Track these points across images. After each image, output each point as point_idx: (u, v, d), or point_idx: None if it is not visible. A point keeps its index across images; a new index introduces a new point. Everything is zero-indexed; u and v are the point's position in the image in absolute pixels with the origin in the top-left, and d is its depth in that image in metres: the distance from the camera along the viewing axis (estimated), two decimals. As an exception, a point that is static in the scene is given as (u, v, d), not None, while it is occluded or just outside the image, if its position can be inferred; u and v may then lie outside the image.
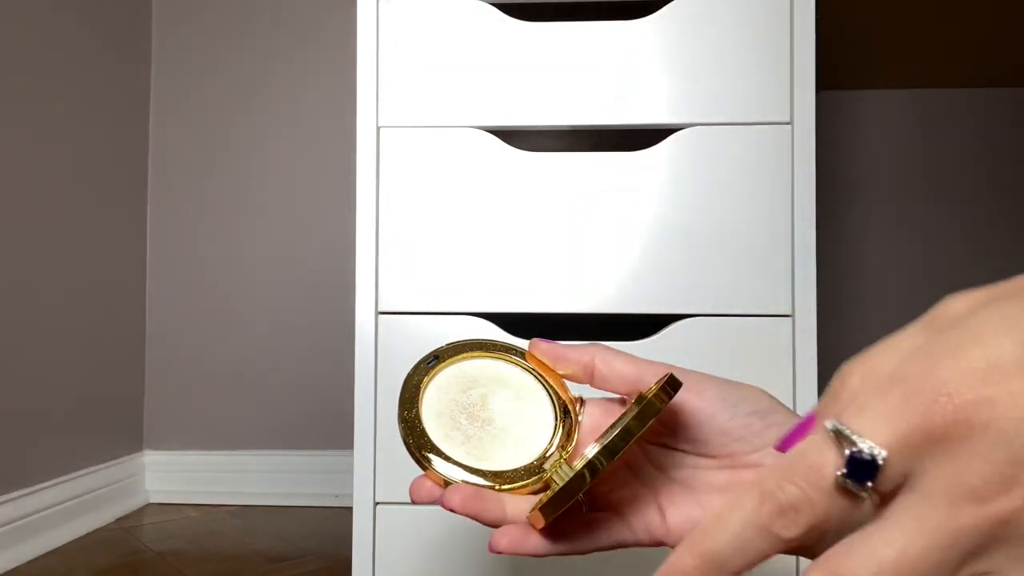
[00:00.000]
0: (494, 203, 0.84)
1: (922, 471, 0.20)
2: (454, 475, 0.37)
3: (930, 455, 0.20)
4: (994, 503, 0.19)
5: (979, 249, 1.65)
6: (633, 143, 0.85)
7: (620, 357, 0.38)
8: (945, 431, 0.19)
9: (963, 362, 0.20)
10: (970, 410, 0.19)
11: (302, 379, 1.57)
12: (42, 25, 1.27)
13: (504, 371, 0.40)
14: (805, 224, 0.81)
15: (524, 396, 0.40)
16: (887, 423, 0.20)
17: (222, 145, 1.61)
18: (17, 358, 1.20)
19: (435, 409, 0.39)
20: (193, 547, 1.25)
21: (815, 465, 0.21)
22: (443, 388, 0.40)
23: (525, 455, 0.39)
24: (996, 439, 0.19)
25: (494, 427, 0.39)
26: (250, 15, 1.61)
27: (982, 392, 0.19)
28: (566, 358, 0.39)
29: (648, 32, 0.83)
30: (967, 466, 0.19)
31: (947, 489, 0.19)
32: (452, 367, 0.40)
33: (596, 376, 0.39)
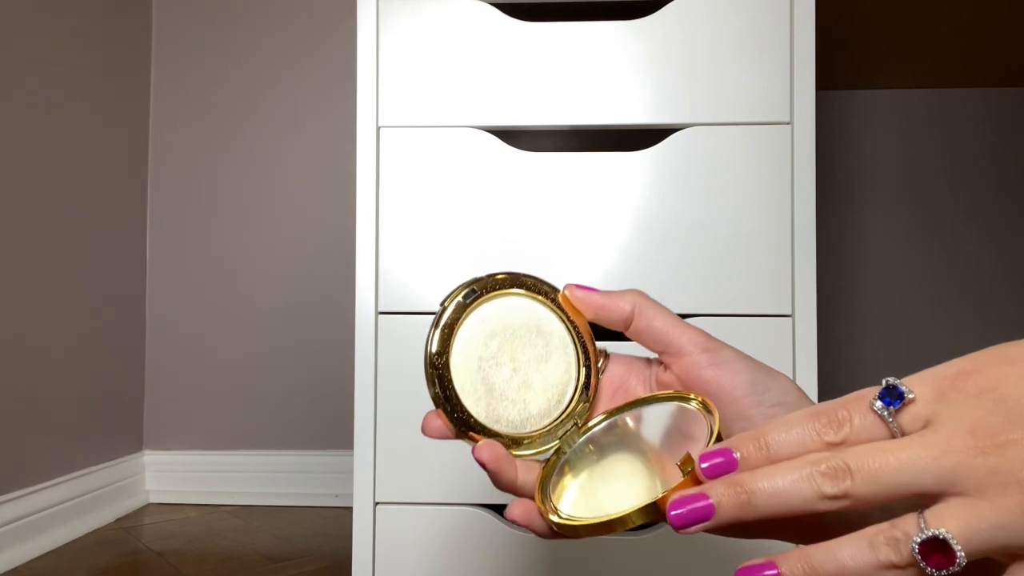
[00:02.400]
0: (494, 203, 0.84)
1: (938, 416, 0.26)
2: (472, 428, 0.38)
3: (947, 403, 0.26)
4: (984, 442, 0.25)
5: (979, 249, 1.65)
6: (633, 143, 0.85)
7: (659, 314, 0.38)
8: (965, 385, 0.26)
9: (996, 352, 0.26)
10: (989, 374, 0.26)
11: (302, 379, 1.57)
12: (42, 25, 1.27)
13: (538, 316, 0.39)
14: (805, 224, 0.81)
15: (552, 348, 0.39)
16: (930, 376, 0.27)
17: (222, 145, 1.61)
18: (17, 358, 1.20)
19: (464, 355, 0.38)
20: (193, 547, 1.25)
21: (861, 395, 0.28)
22: (476, 331, 0.39)
23: (542, 415, 0.38)
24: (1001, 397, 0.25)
25: (518, 378, 0.39)
26: (250, 15, 1.61)
27: (1002, 367, 0.26)
28: (606, 308, 0.38)
29: (648, 32, 0.83)
30: (973, 412, 0.25)
31: (953, 424, 0.25)
32: (488, 305, 0.39)
33: (632, 328, 0.38)
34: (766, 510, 0.27)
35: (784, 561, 0.27)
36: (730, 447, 0.29)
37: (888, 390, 0.27)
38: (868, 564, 0.26)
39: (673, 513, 0.28)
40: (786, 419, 0.28)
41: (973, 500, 0.25)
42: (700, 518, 0.28)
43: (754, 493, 0.27)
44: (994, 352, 0.26)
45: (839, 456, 0.26)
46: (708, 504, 0.28)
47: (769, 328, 0.81)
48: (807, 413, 0.28)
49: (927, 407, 0.26)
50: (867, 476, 0.26)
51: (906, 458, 0.25)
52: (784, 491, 0.27)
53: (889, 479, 0.26)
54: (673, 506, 0.29)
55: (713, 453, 0.29)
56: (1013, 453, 0.24)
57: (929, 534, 0.25)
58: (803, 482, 0.27)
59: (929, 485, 0.25)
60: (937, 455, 0.25)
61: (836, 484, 0.26)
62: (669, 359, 0.38)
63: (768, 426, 0.29)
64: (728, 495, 0.28)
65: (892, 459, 0.26)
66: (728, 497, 0.28)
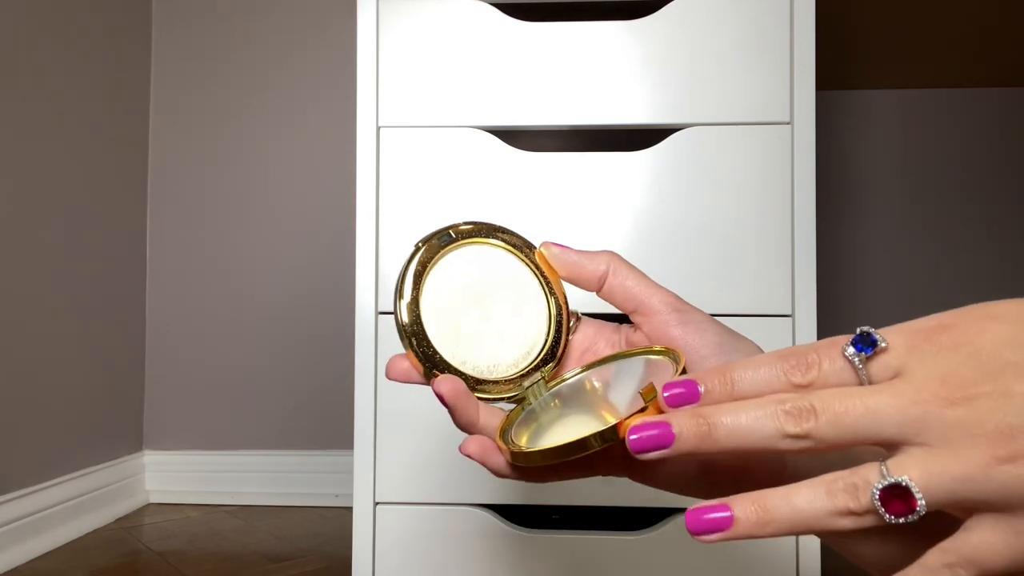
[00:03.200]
0: (494, 203, 0.84)
1: (909, 367, 0.25)
2: (438, 368, 0.37)
3: (920, 355, 0.25)
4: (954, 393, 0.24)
5: (980, 248, 1.65)
6: (633, 143, 0.85)
7: (632, 273, 0.38)
8: (941, 338, 0.25)
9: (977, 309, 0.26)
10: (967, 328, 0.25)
11: (302, 379, 1.57)
12: (42, 25, 1.27)
13: (512, 268, 0.39)
14: (805, 224, 0.81)
15: (524, 300, 0.39)
16: (906, 328, 0.26)
17: (222, 145, 1.61)
18: (17, 358, 1.20)
19: (436, 294, 0.38)
20: (193, 547, 1.25)
21: (833, 340, 0.27)
22: (449, 273, 0.38)
23: (509, 365, 0.38)
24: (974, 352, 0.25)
25: (488, 327, 0.38)
26: (250, 15, 1.61)
27: (982, 323, 0.25)
28: (580, 266, 0.38)
29: (648, 32, 0.83)
30: (945, 364, 0.25)
31: (924, 375, 0.25)
32: (463, 250, 0.39)
33: (605, 288, 0.38)
34: (727, 444, 0.27)
35: (737, 503, 0.27)
36: (695, 379, 0.28)
37: (862, 337, 0.26)
38: (824, 510, 0.26)
39: (632, 437, 0.28)
40: (754, 358, 0.28)
41: (937, 451, 0.24)
42: (659, 444, 0.28)
43: (716, 425, 0.27)
44: (975, 309, 0.26)
45: (805, 397, 0.26)
46: (668, 430, 0.27)
47: (769, 328, 0.81)
48: (776, 354, 0.28)
49: (899, 358, 0.26)
50: (831, 418, 0.25)
51: (873, 404, 0.25)
52: (746, 426, 0.26)
53: (854, 423, 0.25)
54: (633, 430, 0.28)
55: (677, 383, 0.28)
56: (983, 405, 0.24)
57: (891, 480, 0.24)
58: (766, 419, 0.26)
59: (894, 433, 0.25)
60: (905, 404, 0.25)
61: (799, 424, 0.26)
62: (640, 318, 0.38)
63: (735, 363, 0.28)
64: (690, 425, 0.27)
65: (859, 404, 0.25)
66: (689, 427, 0.27)
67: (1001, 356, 0.24)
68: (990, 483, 0.24)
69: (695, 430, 0.27)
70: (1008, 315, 0.25)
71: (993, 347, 0.24)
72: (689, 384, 0.28)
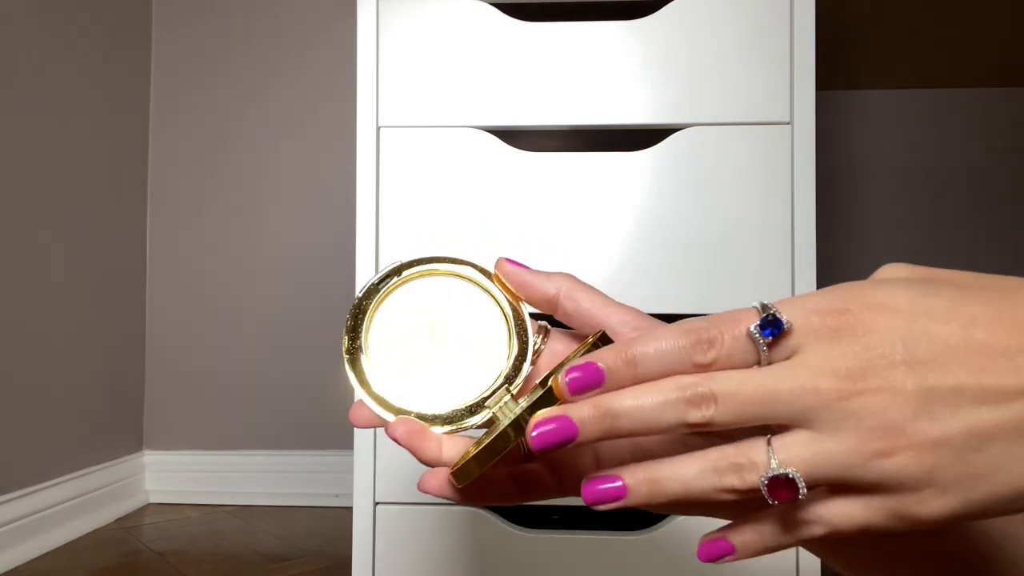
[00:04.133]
0: (494, 203, 0.84)
1: (805, 349, 0.26)
2: (388, 417, 0.36)
3: (816, 338, 0.26)
4: (846, 386, 0.25)
5: (979, 248, 1.65)
6: (633, 143, 0.85)
7: (587, 295, 0.36)
8: (839, 325, 0.26)
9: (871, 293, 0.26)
10: (862, 316, 0.26)
11: (302, 379, 1.57)
12: (42, 26, 1.27)
13: (462, 293, 0.38)
14: (805, 224, 0.81)
15: (479, 324, 0.38)
16: (801, 307, 0.26)
17: (222, 145, 1.61)
18: (17, 358, 1.20)
19: (383, 336, 0.37)
20: (193, 547, 1.25)
21: (735, 317, 0.27)
22: (395, 311, 0.37)
23: (471, 391, 0.37)
24: (867, 344, 0.25)
25: (443, 357, 0.37)
26: (250, 15, 1.61)
27: (876, 313, 0.26)
28: (530, 286, 0.37)
29: (648, 32, 0.83)
30: (840, 354, 0.25)
31: (819, 362, 0.25)
32: (407, 286, 0.38)
33: (560, 311, 0.37)
34: (630, 431, 0.27)
35: (628, 474, 0.28)
36: (594, 359, 0.28)
37: (770, 320, 0.26)
38: (711, 486, 0.27)
39: (534, 434, 0.28)
40: (655, 333, 0.28)
41: (822, 437, 0.25)
42: (562, 439, 0.27)
43: (618, 415, 0.27)
44: (870, 291, 0.26)
45: (705, 383, 0.26)
46: (570, 424, 0.27)
47: (769, 328, 0.81)
48: (678, 330, 0.27)
49: (797, 338, 0.26)
50: (731, 405, 0.26)
51: (772, 391, 0.26)
52: (648, 414, 0.27)
53: (753, 410, 0.26)
54: (535, 427, 0.28)
55: (578, 367, 0.28)
56: (871, 401, 0.25)
57: (780, 472, 0.26)
58: (668, 407, 0.27)
59: (787, 418, 0.26)
60: (801, 393, 0.25)
61: (700, 411, 0.26)
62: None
63: (637, 339, 0.28)
64: (591, 416, 0.27)
65: (759, 391, 0.26)
66: (591, 418, 0.27)
67: (891, 352, 0.25)
68: (867, 472, 0.25)
69: (597, 422, 0.27)
70: (901, 306, 0.26)
71: (884, 341, 0.25)
72: (590, 367, 0.28)
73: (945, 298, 0.26)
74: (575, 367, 0.28)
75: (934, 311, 0.25)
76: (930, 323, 0.25)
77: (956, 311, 0.25)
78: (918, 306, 0.26)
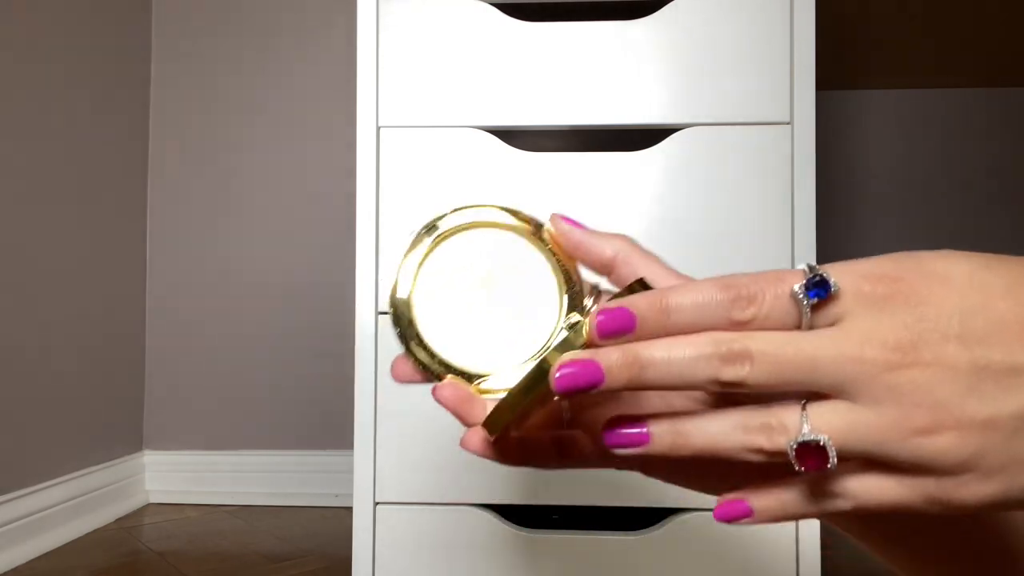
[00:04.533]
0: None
1: (852, 316, 0.24)
2: (437, 371, 0.35)
3: (865, 305, 0.24)
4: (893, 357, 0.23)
5: (979, 248, 1.65)
6: (633, 143, 0.85)
7: (644, 260, 0.34)
8: (891, 292, 0.24)
9: (928, 263, 0.25)
10: (916, 285, 0.24)
11: (302, 379, 1.57)
12: (42, 27, 1.27)
13: (515, 249, 0.36)
14: (805, 224, 0.81)
15: (531, 283, 0.36)
16: (852, 272, 0.25)
17: (222, 145, 1.61)
18: (17, 358, 1.20)
19: (432, 290, 0.35)
20: (193, 547, 1.25)
21: (779, 276, 0.26)
22: (443, 265, 0.36)
23: (519, 353, 0.35)
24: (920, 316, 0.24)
25: (492, 316, 0.35)
26: (250, 16, 1.61)
27: (932, 283, 0.24)
28: (586, 247, 0.35)
29: (648, 32, 0.83)
30: (891, 324, 0.24)
31: (867, 330, 0.24)
32: (457, 238, 0.36)
33: (614, 275, 0.35)
34: (659, 383, 0.26)
35: (654, 423, 0.27)
36: (627, 304, 0.26)
37: (817, 281, 0.25)
38: (738, 444, 0.25)
39: (557, 376, 0.26)
40: (695, 284, 0.26)
41: (860, 408, 0.24)
42: (587, 382, 0.26)
43: (647, 365, 0.25)
44: (926, 261, 0.25)
45: (743, 339, 0.25)
46: (596, 368, 0.26)
47: (769, 328, 0.81)
48: (718, 283, 0.26)
49: (844, 305, 0.25)
50: (768, 366, 0.25)
51: (813, 356, 0.24)
52: (679, 366, 0.25)
53: (790, 374, 0.24)
54: (560, 368, 0.26)
55: (608, 310, 0.26)
56: (919, 376, 0.23)
57: (811, 438, 0.24)
58: (700, 361, 0.25)
59: (826, 385, 0.24)
60: (844, 362, 0.24)
61: (734, 369, 0.25)
62: None
63: (673, 288, 0.26)
64: (619, 362, 0.26)
65: (799, 355, 0.24)
66: (619, 365, 0.26)
67: (946, 326, 0.23)
68: (905, 449, 0.24)
69: (625, 369, 0.26)
70: (958, 279, 0.24)
71: (939, 314, 0.24)
72: (621, 312, 0.26)
73: (1005, 274, 0.24)
74: (605, 310, 0.26)
75: (993, 286, 0.24)
76: (988, 298, 0.24)
77: (1015, 288, 0.24)
78: (977, 279, 0.24)
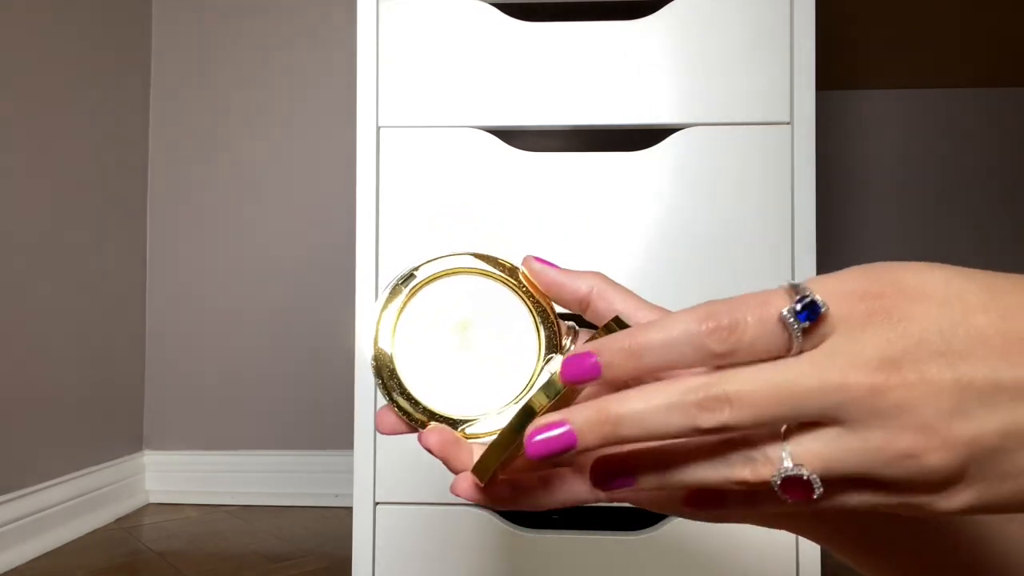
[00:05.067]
0: (494, 203, 0.84)
1: (836, 337, 0.24)
2: (421, 419, 0.35)
3: (850, 325, 0.24)
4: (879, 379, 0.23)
5: (979, 248, 1.65)
6: (633, 143, 0.85)
7: (620, 295, 0.34)
8: (873, 310, 0.23)
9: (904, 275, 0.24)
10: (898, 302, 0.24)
11: (302, 379, 1.57)
12: (42, 26, 1.27)
13: (491, 293, 0.37)
14: (805, 224, 0.81)
15: (509, 325, 0.36)
16: (835, 289, 0.24)
17: (222, 145, 1.61)
18: (17, 358, 1.20)
19: (409, 339, 0.36)
20: (193, 547, 1.25)
21: (763, 300, 0.24)
22: (422, 313, 0.36)
23: (501, 397, 0.36)
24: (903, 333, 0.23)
25: (472, 361, 0.36)
26: (250, 16, 1.61)
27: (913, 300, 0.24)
28: (561, 286, 0.35)
29: (648, 32, 0.83)
30: (874, 343, 0.23)
31: (852, 352, 0.23)
32: (432, 287, 0.37)
33: (590, 310, 0.35)
34: (636, 438, 0.25)
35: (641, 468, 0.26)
36: (595, 348, 0.25)
37: (807, 303, 0.23)
38: (723, 478, 0.25)
39: (530, 443, 0.25)
40: (670, 318, 0.25)
41: (846, 433, 0.23)
42: (561, 447, 0.25)
43: (618, 421, 0.24)
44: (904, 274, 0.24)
45: (719, 383, 0.24)
46: (569, 432, 0.25)
47: (769, 328, 0.81)
48: (696, 313, 0.24)
49: (828, 325, 0.24)
50: (749, 408, 0.23)
51: (795, 391, 0.23)
52: (653, 418, 0.24)
53: (774, 411, 0.23)
54: (531, 434, 0.25)
55: (573, 356, 0.25)
56: (905, 397, 0.23)
57: (794, 473, 0.24)
58: (676, 411, 0.24)
59: (812, 416, 0.24)
60: (829, 390, 0.23)
61: (713, 416, 0.24)
62: None
63: (646, 325, 0.25)
64: (591, 421, 0.25)
65: (781, 390, 0.23)
66: (591, 424, 0.25)
67: (929, 343, 0.23)
68: (892, 470, 0.23)
69: (597, 428, 0.25)
70: (936, 293, 0.24)
71: (921, 330, 0.23)
72: (585, 358, 0.25)
73: (979, 289, 0.24)
74: (571, 357, 0.25)
75: (970, 301, 0.24)
76: (967, 313, 0.23)
77: (993, 301, 0.24)
78: (954, 293, 0.24)
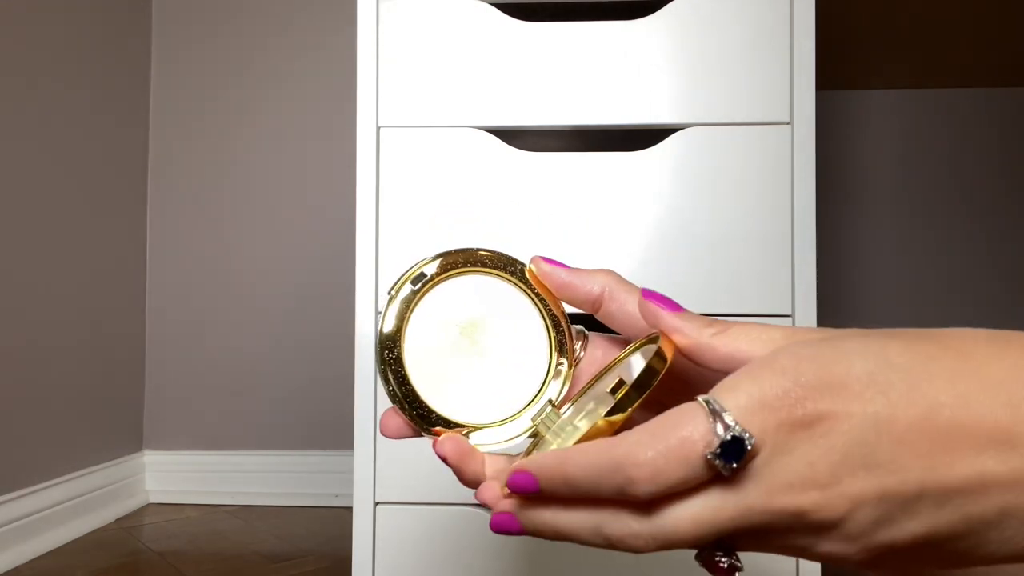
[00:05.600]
0: (494, 203, 0.84)
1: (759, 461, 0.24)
2: (429, 424, 0.35)
3: (773, 449, 0.24)
4: (803, 498, 0.23)
5: (979, 248, 1.65)
6: (633, 143, 0.85)
7: (630, 293, 0.34)
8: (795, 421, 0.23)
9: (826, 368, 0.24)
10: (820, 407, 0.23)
11: (302, 379, 1.57)
12: (42, 26, 1.27)
13: (500, 294, 0.36)
14: (805, 224, 0.81)
15: (519, 327, 0.36)
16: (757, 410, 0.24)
17: (222, 145, 1.61)
18: (17, 358, 1.20)
19: (419, 344, 0.35)
20: (193, 547, 1.25)
21: (684, 439, 0.24)
22: (429, 317, 0.35)
23: (512, 402, 0.35)
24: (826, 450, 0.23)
25: (482, 365, 0.35)
26: (250, 16, 1.61)
27: (835, 401, 0.23)
28: (571, 287, 0.35)
29: (648, 32, 0.83)
30: (796, 464, 0.23)
31: (776, 478, 0.24)
32: (442, 287, 0.36)
33: (602, 311, 0.35)
34: (559, 540, 0.28)
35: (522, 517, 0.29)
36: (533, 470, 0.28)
37: (732, 444, 0.23)
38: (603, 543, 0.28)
39: (492, 520, 0.30)
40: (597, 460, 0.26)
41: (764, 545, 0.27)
42: (507, 530, 0.29)
43: (545, 532, 0.28)
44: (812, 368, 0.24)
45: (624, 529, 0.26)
46: (515, 522, 0.29)
47: (769, 328, 0.81)
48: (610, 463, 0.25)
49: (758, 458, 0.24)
50: (660, 545, 0.26)
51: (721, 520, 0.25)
52: (573, 535, 0.28)
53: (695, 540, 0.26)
54: (494, 514, 0.30)
55: (519, 471, 0.28)
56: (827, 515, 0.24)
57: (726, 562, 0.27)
58: (592, 536, 0.27)
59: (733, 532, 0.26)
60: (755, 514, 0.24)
61: (625, 546, 0.27)
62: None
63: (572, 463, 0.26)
64: (529, 523, 0.29)
65: (704, 525, 0.25)
66: (529, 525, 0.29)
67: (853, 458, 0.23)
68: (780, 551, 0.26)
69: (532, 529, 0.29)
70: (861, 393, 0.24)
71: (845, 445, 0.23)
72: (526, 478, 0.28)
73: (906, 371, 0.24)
74: (519, 470, 0.28)
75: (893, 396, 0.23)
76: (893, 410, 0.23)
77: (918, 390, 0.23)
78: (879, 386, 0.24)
